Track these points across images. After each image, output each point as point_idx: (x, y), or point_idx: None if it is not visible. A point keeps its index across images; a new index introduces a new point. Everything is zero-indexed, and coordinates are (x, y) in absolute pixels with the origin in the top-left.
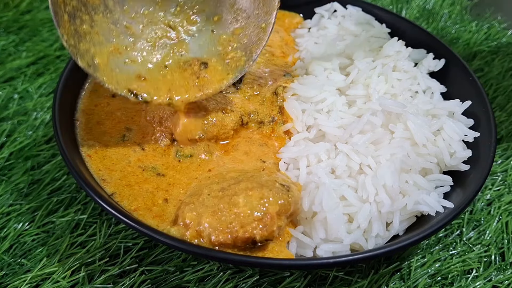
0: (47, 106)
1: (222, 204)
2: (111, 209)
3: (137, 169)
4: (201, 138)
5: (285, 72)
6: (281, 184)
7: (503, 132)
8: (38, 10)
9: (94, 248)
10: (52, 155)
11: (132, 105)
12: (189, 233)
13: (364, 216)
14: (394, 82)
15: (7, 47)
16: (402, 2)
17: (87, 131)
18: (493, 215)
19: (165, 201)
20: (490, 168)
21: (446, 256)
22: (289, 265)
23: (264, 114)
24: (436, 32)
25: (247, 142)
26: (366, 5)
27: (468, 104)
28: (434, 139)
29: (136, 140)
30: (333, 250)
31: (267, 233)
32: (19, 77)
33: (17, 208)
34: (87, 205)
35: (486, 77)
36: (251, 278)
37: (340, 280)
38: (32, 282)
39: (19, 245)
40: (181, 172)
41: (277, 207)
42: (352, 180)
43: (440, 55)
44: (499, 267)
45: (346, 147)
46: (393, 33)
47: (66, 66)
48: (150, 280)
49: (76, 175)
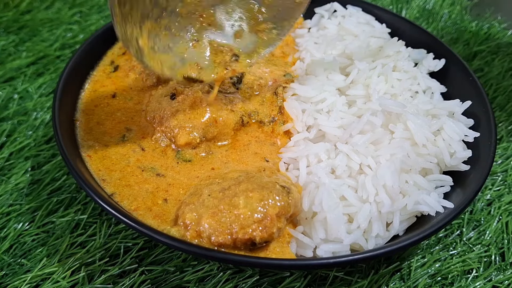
0: (47, 106)
1: (222, 205)
2: (111, 209)
3: (136, 169)
4: (202, 140)
5: (285, 72)
6: (282, 185)
7: (503, 132)
8: (38, 10)
9: (94, 248)
10: (52, 155)
11: (132, 105)
12: (189, 233)
13: (364, 216)
14: (394, 82)
15: (7, 47)
16: (402, 2)
17: (87, 131)
18: (493, 215)
19: (164, 201)
20: (490, 168)
21: (446, 256)
22: (289, 265)
23: (264, 114)
24: (436, 32)
25: (248, 142)
26: (366, 5)
27: (468, 104)
28: (434, 139)
29: (136, 140)
30: (333, 250)
31: (267, 235)
32: (19, 77)
33: (17, 208)
34: (87, 205)
35: (486, 77)
36: (251, 278)
37: (340, 280)
38: (32, 282)
39: (19, 245)
40: (181, 173)
41: (277, 209)
42: (352, 180)
43: (440, 55)
44: (499, 267)
45: (346, 147)
46: (393, 33)
47: (66, 66)
48: (150, 280)
49: (76, 175)
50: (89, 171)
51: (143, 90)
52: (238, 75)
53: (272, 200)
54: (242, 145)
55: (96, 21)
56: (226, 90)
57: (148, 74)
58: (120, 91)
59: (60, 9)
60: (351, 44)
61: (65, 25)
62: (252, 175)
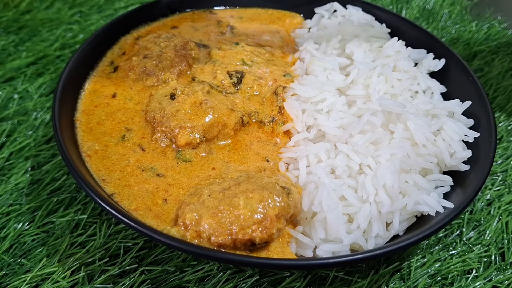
0: (47, 106)
1: (222, 206)
2: (111, 209)
3: (136, 170)
4: (202, 141)
5: (285, 72)
6: (282, 186)
7: (503, 132)
8: (38, 10)
9: (94, 248)
10: (52, 155)
11: (132, 106)
12: (189, 234)
13: (364, 216)
14: (394, 82)
15: (7, 47)
16: (402, 2)
17: (87, 132)
18: (493, 215)
19: (164, 201)
20: (490, 168)
21: (446, 256)
22: (289, 265)
23: (264, 114)
24: (436, 32)
25: (250, 142)
26: (366, 5)
27: (468, 104)
28: (434, 139)
29: (136, 140)
30: (333, 250)
31: (267, 236)
32: (19, 77)
33: (17, 208)
34: (87, 205)
35: (486, 77)
36: (251, 278)
37: (340, 280)
38: (32, 282)
39: (19, 245)
40: (181, 173)
41: (277, 210)
42: (352, 180)
43: (440, 55)
44: (499, 267)
45: (346, 147)
46: (393, 33)
47: (66, 66)
48: (150, 280)
49: (76, 175)
50: (89, 171)
51: (143, 90)
52: (238, 75)
53: (272, 201)
54: (244, 145)
55: (96, 21)
56: (226, 90)
57: (148, 74)
58: (120, 91)
59: (60, 9)
60: (351, 44)
61: (65, 25)
62: (252, 176)
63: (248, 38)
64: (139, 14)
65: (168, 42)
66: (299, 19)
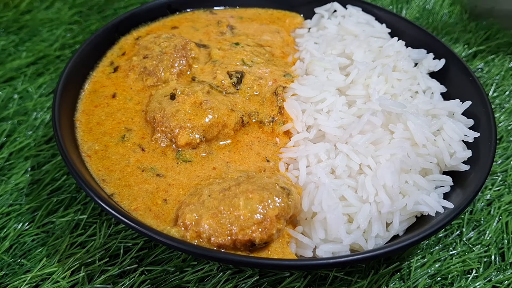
0: (47, 106)
1: (222, 206)
2: (111, 210)
3: (136, 170)
4: (202, 141)
5: (285, 72)
6: (282, 187)
7: (503, 132)
8: (38, 10)
9: (94, 248)
10: (52, 155)
11: (132, 106)
12: (189, 234)
13: (364, 217)
14: (394, 82)
15: (7, 47)
16: (402, 2)
17: (87, 132)
18: (493, 215)
19: (164, 201)
20: (490, 168)
21: (446, 256)
22: (289, 266)
23: (264, 114)
24: (436, 32)
25: (251, 142)
26: (366, 5)
27: (468, 104)
28: (434, 139)
29: (136, 140)
30: (333, 250)
31: (267, 236)
32: (19, 77)
33: (17, 208)
34: (87, 205)
35: (486, 77)
36: (251, 278)
37: (340, 280)
38: (32, 282)
39: (19, 245)
40: (181, 173)
41: (277, 211)
42: (352, 180)
43: (440, 55)
44: (499, 267)
45: (346, 147)
46: (393, 33)
47: (66, 66)
48: (150, 280)
49: (76, 175)
50: (89, 171)
51: (143, 90)
52: (238, 75)
53: (272, 202)
54: (244, 145)
55: (96, 21)
56: (226, 90)
57: (148, 74)
58: (120, 91)
59: (60, 9)
60: (351, 44)
61: (65, 25)
62: (252, 176)
63: (248, 38)
64: (139, 14)
65: (168, 42)
66: (299, 19)
